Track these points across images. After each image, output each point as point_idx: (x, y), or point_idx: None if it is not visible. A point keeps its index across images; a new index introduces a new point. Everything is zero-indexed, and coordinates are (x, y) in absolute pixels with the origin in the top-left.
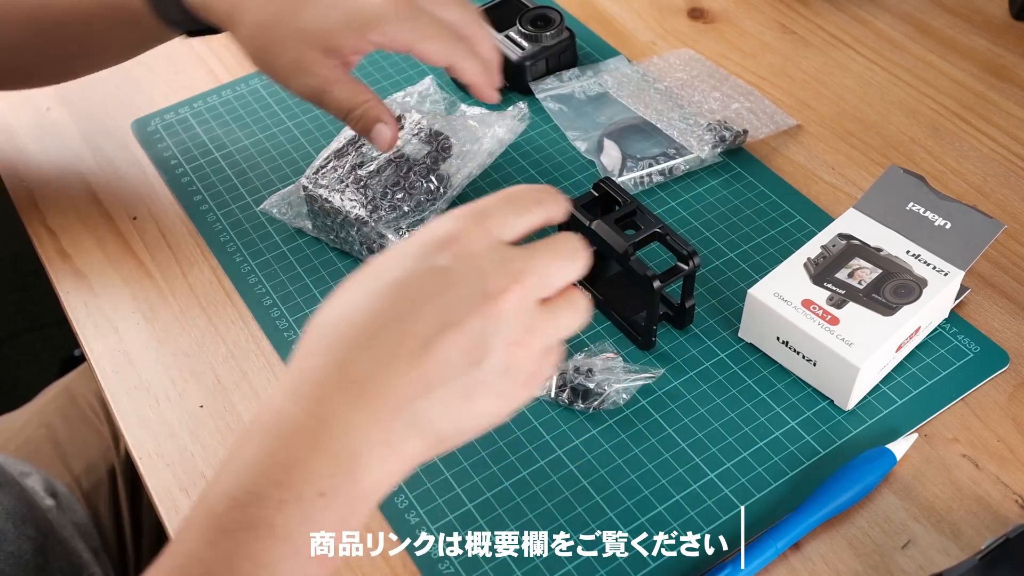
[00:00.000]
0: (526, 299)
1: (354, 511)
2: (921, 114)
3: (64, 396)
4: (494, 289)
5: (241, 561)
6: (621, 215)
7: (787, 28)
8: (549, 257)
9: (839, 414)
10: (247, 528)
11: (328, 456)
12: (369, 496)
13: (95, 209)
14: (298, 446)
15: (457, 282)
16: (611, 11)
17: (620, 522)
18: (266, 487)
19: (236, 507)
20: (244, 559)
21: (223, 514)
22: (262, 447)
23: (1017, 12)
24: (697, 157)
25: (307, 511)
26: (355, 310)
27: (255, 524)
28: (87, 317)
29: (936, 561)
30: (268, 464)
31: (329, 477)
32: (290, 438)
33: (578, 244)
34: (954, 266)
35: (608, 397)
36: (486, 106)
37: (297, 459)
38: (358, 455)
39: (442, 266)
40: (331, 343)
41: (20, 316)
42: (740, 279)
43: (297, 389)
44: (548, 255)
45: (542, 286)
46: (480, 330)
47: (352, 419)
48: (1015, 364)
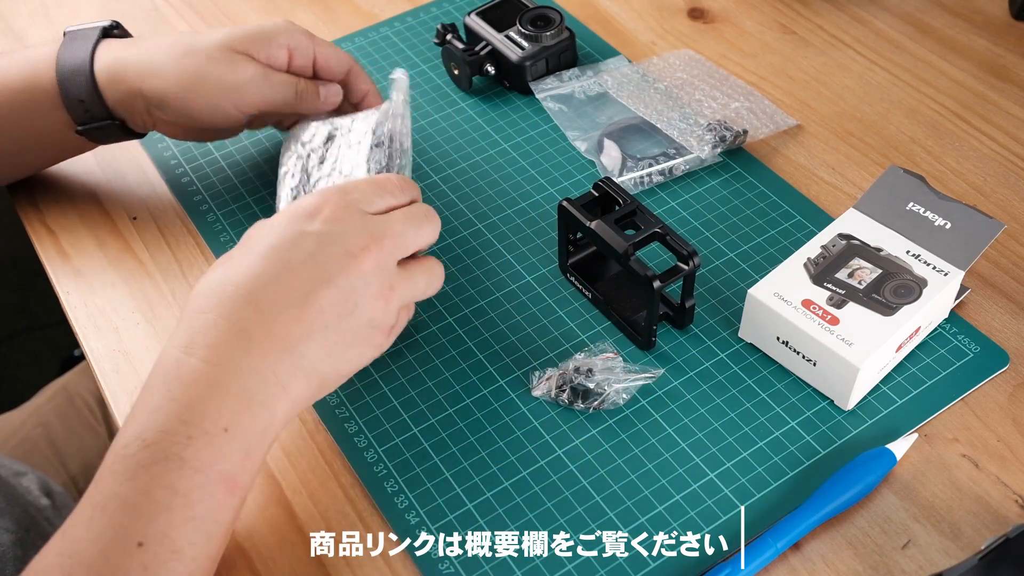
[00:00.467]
0: (384, 259)
1: (255, 444)
2: (921, 114)
3: (61, 396)
4: (356, 249)
5: (158, 491)
6: (621, 215)
7: (787, 28)
8: (403, 221)
9: (839, 414)
10: (160, 462)
11: (227, 396)
12: (267, 431)
13: (95, 209)
14: (199, 390)
15: (325, 244)
16: (611, 11)
17: (620, 522)
18: (174, 426)
19: (148, 446)
20: (160, 489)
21: (136, 453)
22: (165, 393)
23: (1017, 12)
24: (697, 157)
25: (213, 444)
26: (237, 273)
27: (167, 458)
28: (87, 317)
29: (936, 561)
30: (173, 407)
31: (230, 414)
32: (191, 384)
33: (430, 211)
34: (954, 266)
35: (608, 397)
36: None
37: (199, 400)
38: (253, 394)
39: (311, 231)
40: (219, 301)
41: (20, 316)
42: (740, 279)
43: (192, 342)
44: (402, 220)
45: (399, 247)
46: (348, 286)
47: (245, 363)
48: (1015, 364)
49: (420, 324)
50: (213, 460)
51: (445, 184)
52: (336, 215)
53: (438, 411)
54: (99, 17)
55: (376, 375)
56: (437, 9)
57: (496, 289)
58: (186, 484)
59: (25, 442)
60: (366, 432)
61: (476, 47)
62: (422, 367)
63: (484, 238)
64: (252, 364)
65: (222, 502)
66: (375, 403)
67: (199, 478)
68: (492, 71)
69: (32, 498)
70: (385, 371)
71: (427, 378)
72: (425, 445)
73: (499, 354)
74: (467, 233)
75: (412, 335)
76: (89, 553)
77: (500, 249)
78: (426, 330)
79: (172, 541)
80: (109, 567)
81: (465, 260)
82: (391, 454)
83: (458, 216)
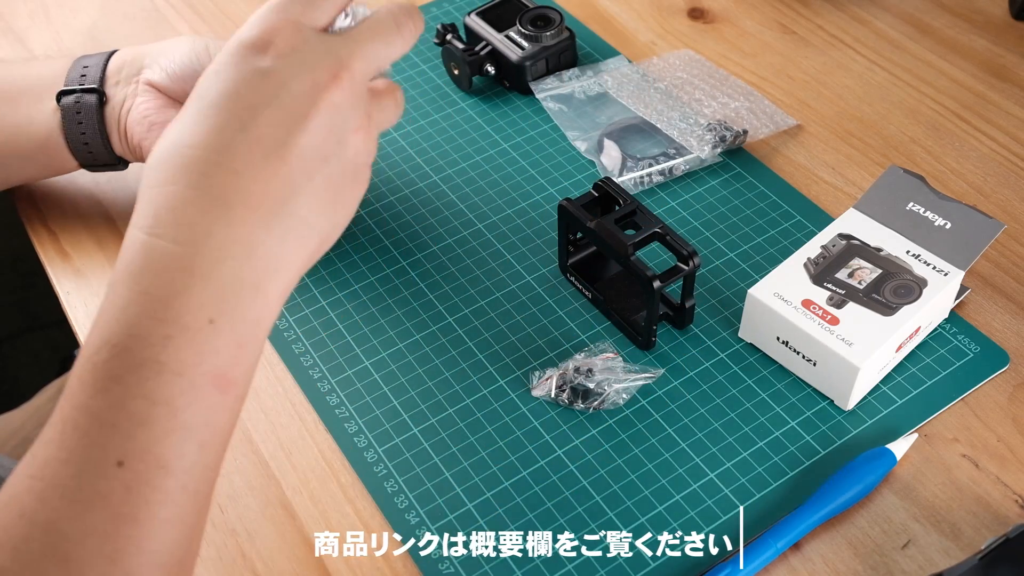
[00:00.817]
0: (357, 86)
1: (249, 333)
2: (921, 114)
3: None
4: (324, 79)
5: (134, 402)
6: (621, 215)
7: (787, 28)
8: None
9: (839, 414)
10: (134, 370)
11: (209, 281)
12: (263, 315)
13: (95, 209)
14: (173, 278)
15: (287, 80)
16: (611, 11)
17: (620, 522)
18: (148, 326)
19: (118, 353)
20: (137, 399)
21: (107, 361)
22: (134, 287)
23: (1017, 12)
24: (697, 157)
25: (197, 341)
26: (195, 132)
27: (142, 364)
28: (87, 317)
29: (936, 561)
30: (145, 303)
31: (215, 303)
32: (163, 272)
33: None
34: (954, 266)
35: (608, 397)
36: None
37: (175, 291)
38: (241, 272)
39: (266, 67)
40: (180, 168)
41: (20, 316)
42: (740, 279)
43: (157, 221)
44: (368, 35)
45: (370, 68)
46: (327, 123)
47: (227, 236)
48: (1015, 364)
49: (420, 324)
50: (198, 360)
51: (445, 184)
52: (290, 43)
53: (438, 411)
54: (99, 17)
55: (376, 375)
56: (437, 9)
57: (496, 289)
58: (167, 391)
59: (26, 442)
60: (366, 432)
61: (476, 47)
62: (422, 367)
63: (484, 238)
64: (235, 236)
65: (214, 404)
66: (375, 403)
67: (182, 382)
68: (492, 71)
69: None
70: (385, 371)
71: (427, 378)
72: (425, 445)
73: (499, 354)
74: (467, 233)
75: (412, 335)
76: (63, 475)
77: (500, 249)
78: (426, 330)
79: (156, 457)
80: (87, 490)
81: (465, 260)
82: (391, 454)
83: (458, 216)
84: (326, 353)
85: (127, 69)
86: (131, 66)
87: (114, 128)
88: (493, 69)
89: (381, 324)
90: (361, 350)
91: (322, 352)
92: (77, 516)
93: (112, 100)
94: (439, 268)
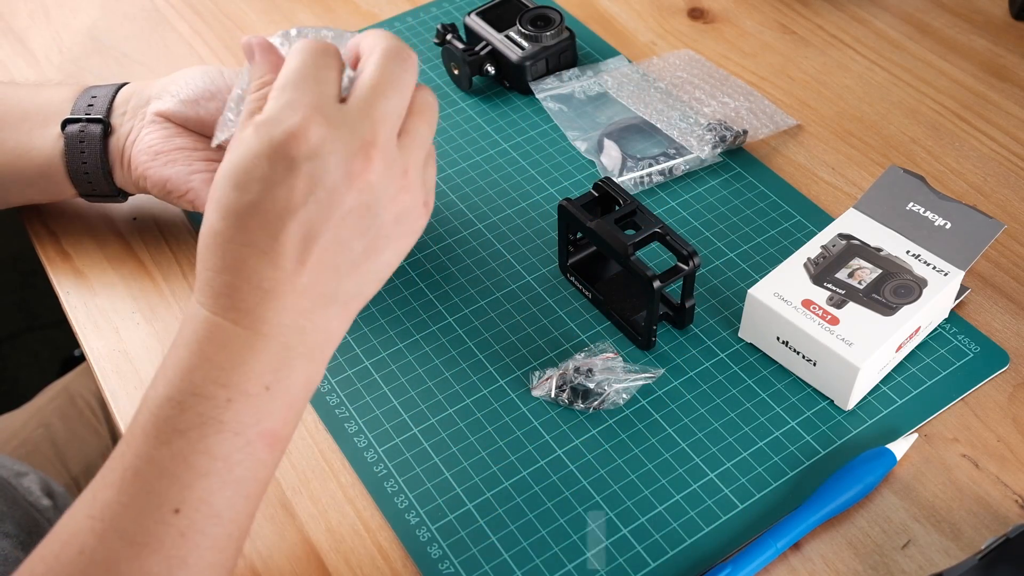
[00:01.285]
0: (388, 151)
1: (301, 395)
2: (921, 114)
3: (63, 396)
4: (358, 168)
5: (196, 457)
6: (621, 215)
7: (787, 28)
8: (386, 92)
9: (839, 414)
10: (197, 427)
11: (266, 356)
12: (311, 380)
13: (95, 209)
14: (235, 350)
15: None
16: (611, 11)
17: (620, 522)
18: (211, 389)
19: (183, 410)
20: (199, 455)
21: (171, 416)
22: (198, 354)
23: (1017, 12)
24: (697, 157)
25: (253, 404)
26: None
27: (204, 422)
28: (87, 317)
29: (936, 561)
30: (208, 369)
31: (271, 372)
32: (224, 345)
33: (397, 47)
34: (954, 266)
35: (608, 397)
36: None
37: (236, 361)
38: (295, 348)
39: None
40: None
41: (20, 316)
42: (740, 279)
43: (217, 304)
44: (384, 89)
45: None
46: (362, 205)
47: (279, 322)
48: (1015, 364)
49: (420, 324)
50: (255, 420)
51: (445, 184)
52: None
53: (438, 411)
54: (99, 17)
55: (376, 375)
56: (437, 9)
57: (496, 289)
58: (226, 448)
59: (27, 443)
60: (366, 432)
61: (476, 47)
62: (422, 367)
63: (484, 238)
64: (287, 321)
65: (263, 460)
66: (375, 403)
67: (239, 440)
68: (492, 71)
69: (34, 499)
70: (385, 371)
71: (427, 378)
72: (425, 445)
73: (499, 354)
74: (467, 233)
75: (412, 335)
76: (123, 519)
77: (500, 249)
78: (426, 330)
79: (210, 506)
80: (144, 534)
81: (465, 260)
82: (391, 454)
83: (458, 216)
84: None
85: (134, 100)
86: (138, 97)
87: (117, 159)
88: (493, 69)
89: (381, 324)
90: (361, 350)
91: None
92: (134, 557)
93: (117, 131)
94: (439, 268)
